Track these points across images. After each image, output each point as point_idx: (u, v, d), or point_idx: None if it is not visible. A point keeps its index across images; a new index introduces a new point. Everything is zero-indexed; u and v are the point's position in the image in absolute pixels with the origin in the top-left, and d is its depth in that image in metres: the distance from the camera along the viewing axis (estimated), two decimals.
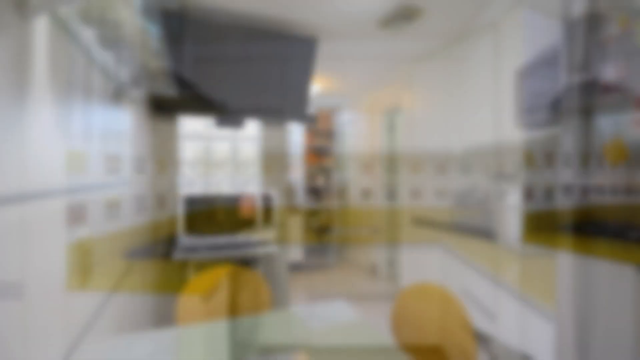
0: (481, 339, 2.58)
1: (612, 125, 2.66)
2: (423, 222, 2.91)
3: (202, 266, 2.40)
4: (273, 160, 2.79)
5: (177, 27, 2.12)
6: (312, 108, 5.02)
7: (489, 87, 2.39)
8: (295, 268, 4.51)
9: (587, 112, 2.44)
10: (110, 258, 1.39)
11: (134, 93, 1.73)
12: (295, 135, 4.67)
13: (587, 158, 2.50)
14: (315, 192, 4.58)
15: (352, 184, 4.79)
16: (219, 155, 2.69)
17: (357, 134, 4.68)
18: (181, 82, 2.24)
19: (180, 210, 2.05)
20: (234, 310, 1.56)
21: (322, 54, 2.99)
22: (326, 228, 4.61)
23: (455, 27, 2.44)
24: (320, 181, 4.46)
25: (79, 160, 0.84)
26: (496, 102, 2.35)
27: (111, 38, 0.86)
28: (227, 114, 2.43)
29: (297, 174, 4.56)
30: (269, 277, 2.76)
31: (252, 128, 2.76)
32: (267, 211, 2.28)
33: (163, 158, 2.44)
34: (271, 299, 2.34)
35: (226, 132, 2.69)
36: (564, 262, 1.96)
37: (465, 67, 2.58)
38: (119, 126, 1.38)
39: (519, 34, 2.18)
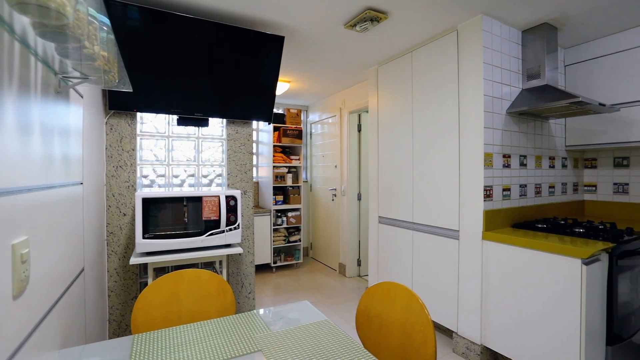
0: (445, 333, 2.67)
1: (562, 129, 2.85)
2: None
3: (162, 270, 2.29)
4: (238, 160, 2.73)
5: (133, 18, 2.01)
6: (281, 108, 4.97)
7: (453, 90, 2.48)
8: (264, 269, 4.45)
9: (541, 116, 2.60)
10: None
11: (82, 87, 1.61)
12: (263, 134, 4.61)
13: (540, 159, 2.67)
14: (284, 192, 4.54)
15: (321, 183, 4.80)
16: (182, 154, 2.58)
17: (326, 134, 4.70)
18: (139, 77, 2.13)
19: (137, 212, 1.94)
20: (195, 315, 1.50)
21: (291, 54, 2.98)
22: (295, 228, 4.58)
23: (420, 30, 2.50)
24: (288, 181, 4.42)
25: (12, 160, 0.77)
26: (460, 105, 2.43)
27: (53, 27, 0.79)
28: (190, 112, 2.34)
29: (265, 174, 4.50)
30: (235, 279, 2.70)
31: (216, 127, 2.68)
32: (232, 212, 2.21)
33: (119, 157, 2.31)
34: (235, 302, 2.27)
35: (189, 131, 2.59)
36: (517, 256, 2.07)
37: (430, 70, 2.66)
38: (64, 122, 1.27)
39: (479, 39, 2.27)
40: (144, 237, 1.93)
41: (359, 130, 4.15)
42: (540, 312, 1.94)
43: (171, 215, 2.07)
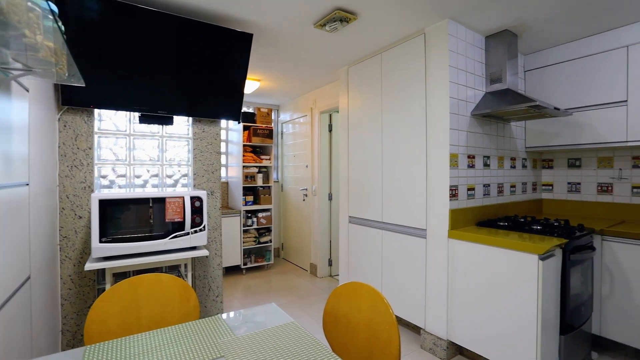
0: (414, 330, 2.72)
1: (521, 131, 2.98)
2: None
3: (123, 276, 2.17)
4: (205, 160, 2.64)
5: (92, 9, 1.89)
6: (251, 107, 4.89)
7: (421, 92, 2.52)
8: (234, 271, 4.35)
9: (503, 119, 2.71)
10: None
11: (27, 80, 1.49)
12: (233, 134, 4.51)
13: (502, 159, 2.79)
14: (254, 192, 4.46)
15: (292, 183, 4.77)
16: (144, 153, 2.46)
17: (297, 134, 4.67)
18: (97, 72, 2.00)
19: (93, 215, 1.82)
20: (156, 322, 1.42)
21: (261, 52, 2.92)
22: (266, 229, 4.52)
23: (389, 32, 2.54)
24: (258, 181, 4.35)
25: None
26: (427, 106, 2.49)
27: None
28: (154, 110, 2.23)
29: (235, 174, 4.40)
30: (201, 283, 2.61)
31: (182, 125, 2.58)
32: (197, 213, 2.14)
33: (74, 156, 2.17)
34: (202, 306, 2.19)
35: (153, 129, 2.47)
36: (481, 253, 2.14)
37: (399, 71, 2.70)
38: (4, 117, 1.17)
39: (445, 43, 2.33)
40: (100, 241, 1.82)
41: (330, 131, 4.16)
42: (501, 306, 2.02)
43: (132, 217, 1.96)
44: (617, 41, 2.48)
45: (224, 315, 1.35)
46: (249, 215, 4.34)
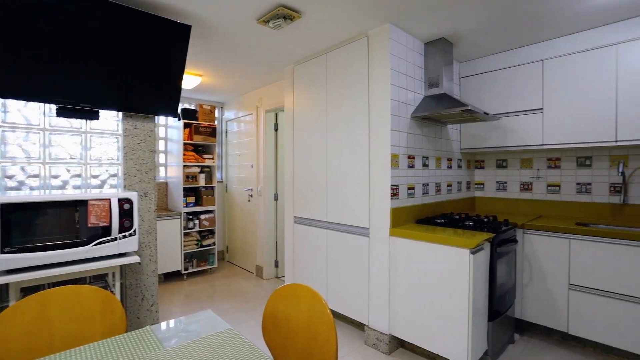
0: (358, 327, 2.77)
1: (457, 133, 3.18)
2: None
3: (36, 290, 1.91)
4: (138, 159, 2.43)
5: None
6: (193, 103, 4.64)
7: (364, 93, 2.57)
8: (173, 277, 4.09)
9: (440, 121, 2.87)
10: None
11: None
12: (173, 131, 4.24)
13: (440, 160, 2.95)
14: (196, 193, 4.23)
15: (237, 183, 4.61)
16: (64, 151, 2.20)
17: (242, 133, 4.53)
18: (4, 57, 1.74)
19: None
20: (73, 339, 1.26)
21: (202, 46, 2.77)
22: (209, 231, 4.32)
23: (334, 33, 2.55)
24: (201, 181, 4.14)
25: None
26: (370, 108, 2.54)
27: None
28: (75, 102, 1.99)
29: (174, 174, 4.14)
30: (134, 292, 2.40)
31: (110, 120, 2.34)
32: (126, 217, 1.95)
33: None
34: (134, 317, 2.00)
35: (75, 124, 2.21)
36: (419, 249, 2.24)
37: (343, 72, 2.73)
38: None
39: (386, 46, 2.39)
40: (3, 251, 1.57)
41: (276, 130, 4.09)
42: (437, 299, 2.13)
43: (47, 223, 1.73)
44: (534, 55, 2.75)
45: (156, 326, 1.24)
46: (191, 217, 4.11)
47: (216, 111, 4.97)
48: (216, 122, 4.90)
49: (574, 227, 2.38)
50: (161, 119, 4.38)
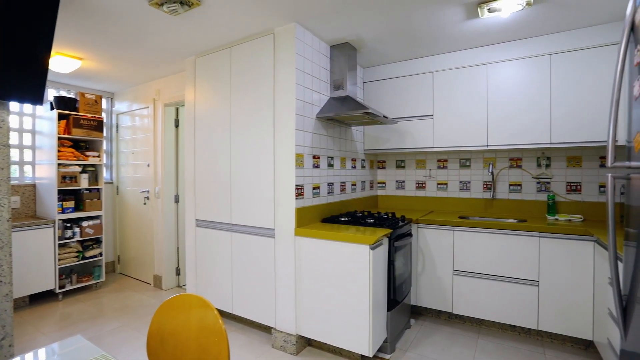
0: (266, 330, 2.68)
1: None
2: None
3: None
4: None
5: None
6: (72, 91, 3.96)
7: (269, 91, 2.49)
8: (44, 298, 3.41)
9: (345, 123, 2.97)
10: None
11: None
12: (43, 123, 3.53)
13: (345, 160, 3.05)
14: (77, 196, 3.61)
15: (131, 185, 4.09)
16: None
17: (137, 128, 4.03)
18: None
19: None
20: None
21: (82, 25, 2.34)
22: (94, 240, 3.73)
23: (238, 27, 2.42)
24: (83, 183, 3.54)
25: None
26: (275, 106, 2.47)
27: None
28: None
29: (46, 174, 3.45)
30: None
31: None
32: None
33: None
34: None
35: None
36: (323, 247, 2.26)
37: (248, 68, 2.61)
38: None
39: (292, 45, 2.36)
40: None
41: (177, 126, 3.75)
42: (340, 295, 2.18)
43: None
44: (427, 67, 3.05)
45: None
46: (69, 225, 3.48)
47: (104, 102, 4.33)
48: (104, 115, 4.28)
49: (457, 220, 2.70)
50: (26, 108, 3.62)
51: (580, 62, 2.45)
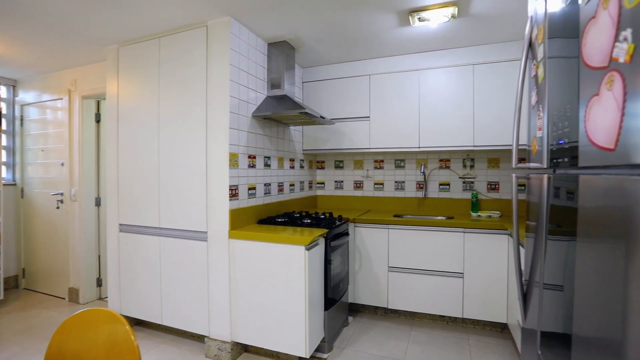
0: (199, 339, 2.52)
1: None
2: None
3: None
4: None
5: None
6: None
7: (202, 87, 2.35)
8: None
9: (283, 122, 2.92)
10: None
11: None
12: None
13: (282, 160, 3.00)
14: None
15: (41, 186, 3.59)
16: None
17: (48, 122, 3.55)
18: None
19: None
20: None
21: None
22: None
23: (167, 16, 2.24)
24: None
25: None
26: (208, 103, 2.34)
27: None
28: None
29: None
30: None
31: None
32: None
33: None
34: None
35: None
36: (259, 249, 2.20)
37: (179, 61, 2.43)
38: None
39: (227, 40, 2.26)
40: None
41: (98, 121, 3.38)
42: (276, 297, 2.13)
43: None
44: (364, 70, 3.14)
45: None
46: None
47: (3, 90, 3.75)
48: (2, 105, 3.70)
49: (392, 218, 2.82)
50: None
51: (499, 73, 2.71)
